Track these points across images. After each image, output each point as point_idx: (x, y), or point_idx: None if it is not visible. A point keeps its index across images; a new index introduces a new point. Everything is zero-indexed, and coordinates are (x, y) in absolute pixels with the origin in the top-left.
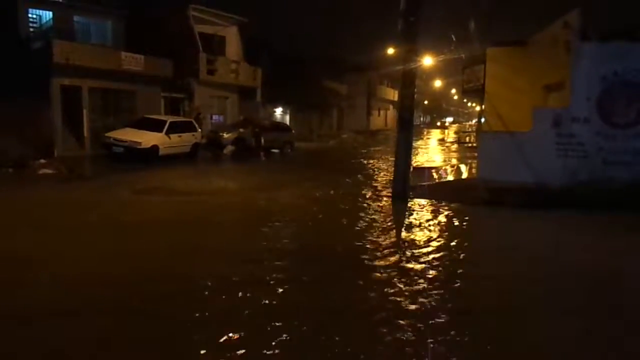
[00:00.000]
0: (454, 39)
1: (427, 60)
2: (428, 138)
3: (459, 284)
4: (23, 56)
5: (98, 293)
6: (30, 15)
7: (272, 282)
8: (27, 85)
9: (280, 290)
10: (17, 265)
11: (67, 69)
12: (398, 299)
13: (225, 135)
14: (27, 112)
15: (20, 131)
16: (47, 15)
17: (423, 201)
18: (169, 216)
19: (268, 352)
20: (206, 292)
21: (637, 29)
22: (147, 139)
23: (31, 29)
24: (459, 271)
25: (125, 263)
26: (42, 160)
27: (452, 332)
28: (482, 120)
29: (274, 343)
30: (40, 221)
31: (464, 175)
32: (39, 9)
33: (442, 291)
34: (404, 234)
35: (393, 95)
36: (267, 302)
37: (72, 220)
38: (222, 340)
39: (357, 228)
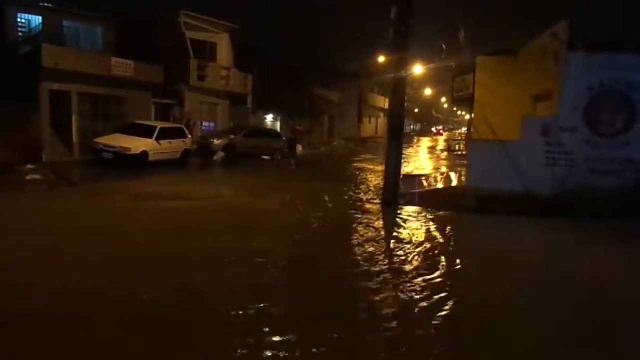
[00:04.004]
0: (444, 48)
1: (418, 69)
2: (418, 146)
3: (444, 290)
4: (12, 60)
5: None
6: (19, 20)
7: (259, 289)
8: (16, 90)
9: (267, 296)
10: None
11: (56, 74)
12: (384, 304)
13: (216, 142)
14: (15, 117)
15: (7, 136)
16: (37, 19)
17: (413, 208)
18: (158, 222)
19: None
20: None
21: (623, 39)
22: (136, 144)
23: (20, 34)
24: (444, 278)
25: (96, 270)
26: (30, 166)
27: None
28: (472, 128)
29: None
30: (22, 226)
31: (454, 183)
32: (28, 13)
33: (429, 298)
34: (392, 241)
35: (384, 102)
36: (262, 306)
37: (55, 225)
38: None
39: (346, 235)
